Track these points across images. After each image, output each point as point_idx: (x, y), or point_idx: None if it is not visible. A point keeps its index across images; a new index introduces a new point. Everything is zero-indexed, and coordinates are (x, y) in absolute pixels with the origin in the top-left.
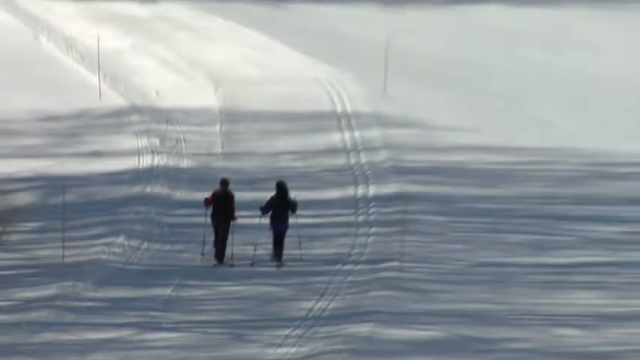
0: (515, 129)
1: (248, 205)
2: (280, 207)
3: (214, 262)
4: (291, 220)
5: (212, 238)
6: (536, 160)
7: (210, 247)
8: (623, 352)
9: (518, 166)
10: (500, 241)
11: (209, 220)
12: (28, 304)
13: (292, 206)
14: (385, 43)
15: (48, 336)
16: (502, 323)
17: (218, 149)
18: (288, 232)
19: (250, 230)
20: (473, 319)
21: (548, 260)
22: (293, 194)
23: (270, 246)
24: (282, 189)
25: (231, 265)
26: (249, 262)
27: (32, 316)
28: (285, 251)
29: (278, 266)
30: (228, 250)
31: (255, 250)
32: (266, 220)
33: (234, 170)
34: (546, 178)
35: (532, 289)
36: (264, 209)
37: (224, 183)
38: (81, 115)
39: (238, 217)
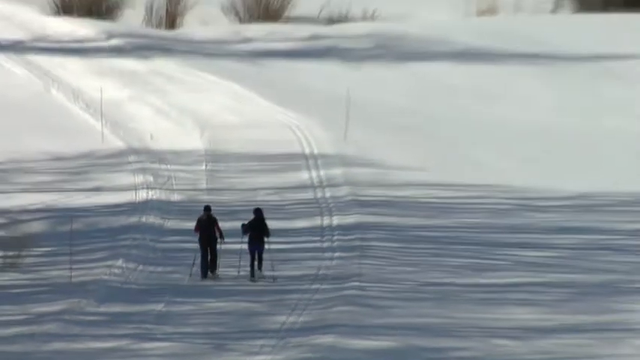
0: (456, 168)
1: (228, 233)
2: (257, 230)
3: (213, 275)
4: (265, 246)
5: (198, 260)
6: (475, 195)
7: (196, 269)
8: None
9: (459, 200)
10: (444, 264)
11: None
12: (39, 318)
13: (267, 231)
14: (346, 94)
15: (57, 345)
16: (447, 335)
17: (203, 185)
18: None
19: (232, 255)
20: (422, 331)
21: (485, 281)
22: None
23: (248, 268)
24: (259, 214)
25: (217, 276)
26: (234, 280)
27: (43, 328)
28: (243, 271)
29: (260, 277)
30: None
31: (238, 272)
32: (245, 245)
33: (217, 203)
34: (483, 210)
35: (472, 305)
36: (245, 227)
37: (207, 209)
38: (86, 155)
39: (223, 241)
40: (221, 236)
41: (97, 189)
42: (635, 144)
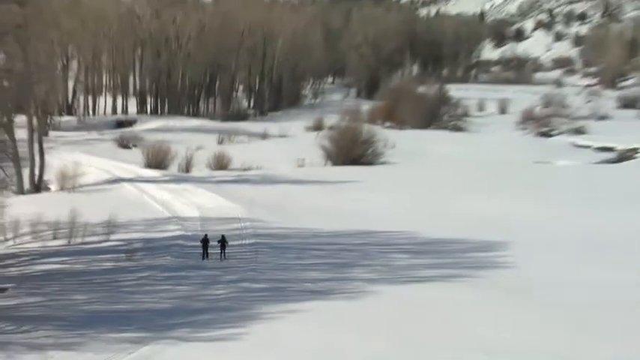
0: (295, 221)
1: (210, 246)
2: (223, 243)
3: (202, 260)
4: (226, 251)
5: (200, 257)
6: (299, 231)
7: (199, 259)
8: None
9: (293, 232)
10: (303, 257)
11: (200, 248)
12: (140, 278)
13: (226, 242)
14: (251, 196)
15: (145, 288)
16: (301, 281)
17: (199, 228)
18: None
19: (213, 254)
20: (287, 284)
21: (330, 261)
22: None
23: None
24: (223, 238)
25: (208, 260)
26: (213, 263)
27: (140, 282)
28: (217, 258)
29: (222, 260)
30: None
31: (219, 259)
32: (217, 249)
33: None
34: (308, 236)
35: (324, 272)
36: (218, 241)
37: (205, 235)
38: (156, 219)
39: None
40: (208, 242)
41: (161, 230)
42: (381, 214)
